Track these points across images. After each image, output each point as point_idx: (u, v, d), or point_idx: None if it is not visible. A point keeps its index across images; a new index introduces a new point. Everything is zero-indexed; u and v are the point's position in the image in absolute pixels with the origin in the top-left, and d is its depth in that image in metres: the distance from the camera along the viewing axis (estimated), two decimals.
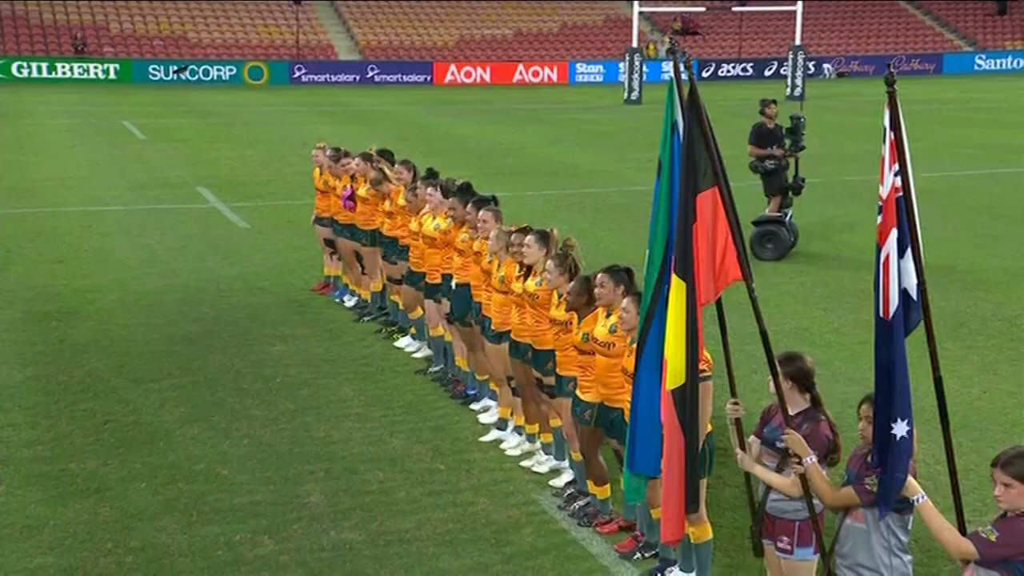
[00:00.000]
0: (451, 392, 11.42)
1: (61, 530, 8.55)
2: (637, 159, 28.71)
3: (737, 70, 62.94)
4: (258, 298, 15.36)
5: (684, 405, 6.13)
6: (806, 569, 6.26)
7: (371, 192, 13.73)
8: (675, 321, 6.12)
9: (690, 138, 6.18)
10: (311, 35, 65.00)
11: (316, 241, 18.51)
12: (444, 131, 33.69)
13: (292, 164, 28.76)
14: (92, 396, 11.50)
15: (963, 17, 75.14)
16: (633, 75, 45.70)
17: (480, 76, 61.66)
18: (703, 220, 6.13)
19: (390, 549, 8.21)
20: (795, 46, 48.58)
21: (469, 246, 10.70)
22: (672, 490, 6.26)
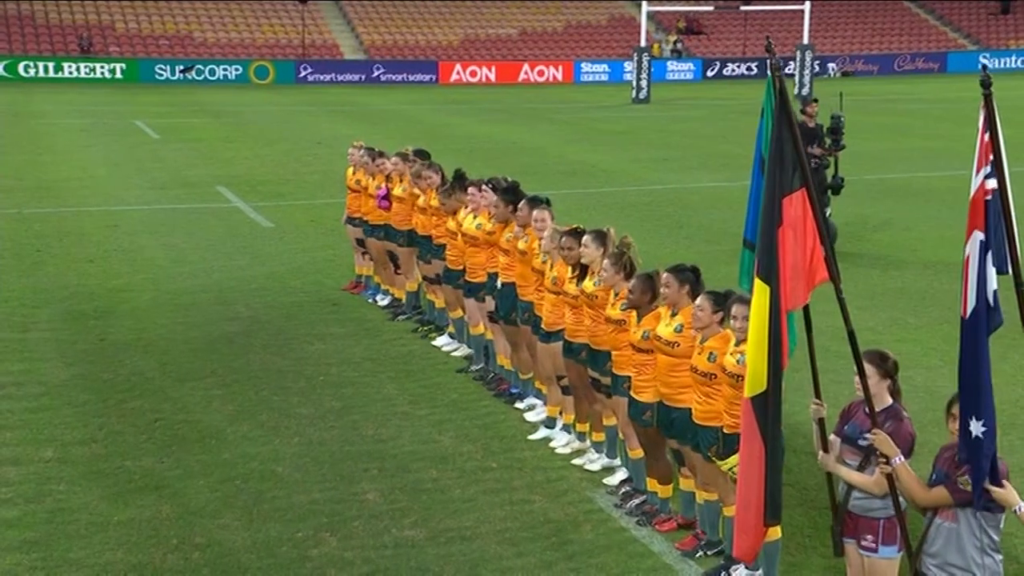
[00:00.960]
0: (494, 390, 11.53)
1: (125, 527, 8.66)
2: (653, 158, 28.85)
3: (742, 69, 63.05)
4: (291, 297, 15.46)
5: (766, 412, 6.13)
6: (889, 568, 6.33)
7: (407, 192, 13.84)
8: (757, 326, 6.13)
9: (779, 140, 6.22)
10: (316, 35, 65.06)
11: (343, 240, 18.69)
12: (458, 131, 33.78)
13: (309, 164, 28.92)
14: (139, 394, 11.61)
15: (967, 16, 75.28)
16: (641, 74, 45.80)
17: (485, 76, 61.73)
18: (791, 223, 6.16)
19: (452, 547, 8.31)
20: (802, 45, 48.72)
21: (514, 245, 10.81)
22: (751, 501, 6.21)
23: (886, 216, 21.07)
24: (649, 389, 8.30)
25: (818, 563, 7.93)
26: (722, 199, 22.99)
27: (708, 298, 7.66)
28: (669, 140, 33.26)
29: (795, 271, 6.16)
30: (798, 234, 6.18)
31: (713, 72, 62.27)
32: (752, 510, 6.21)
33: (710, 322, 7.62)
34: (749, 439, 6.20)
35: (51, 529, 8.64)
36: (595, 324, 9.20)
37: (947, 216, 20.91)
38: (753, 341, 6.16)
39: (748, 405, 6.20)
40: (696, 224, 20.24)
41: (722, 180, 25.50)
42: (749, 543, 6.36)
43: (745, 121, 39.16)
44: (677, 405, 7.99)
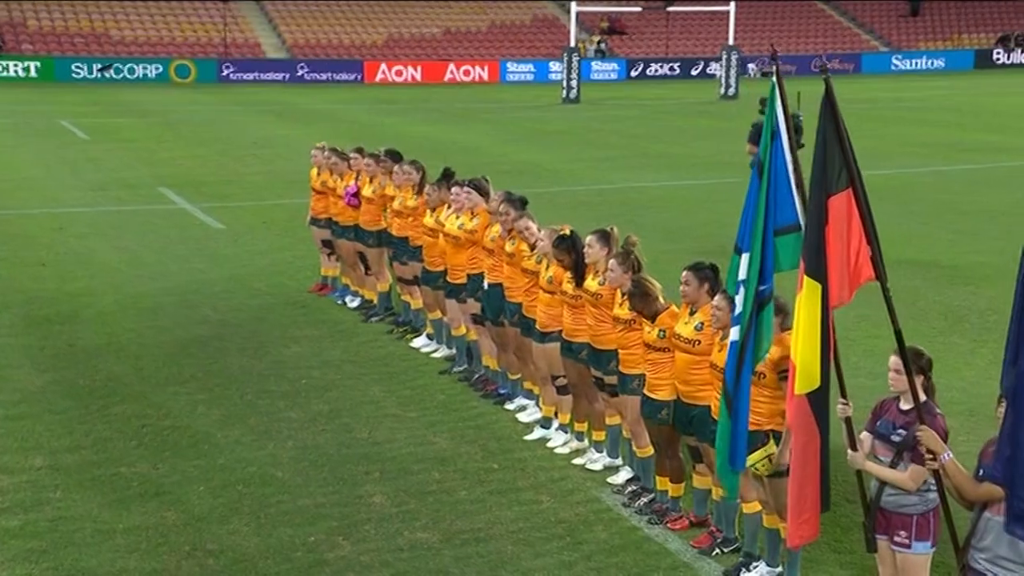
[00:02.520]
0: (482, 391, 11.55)
1: (133, 534, 8.55)
2: (594, 158, 29.03)
3: (665, 69, 63.60)
4: (258, 300, 15.32)
5: (821, 408, 6.28)
6: (923, 563, 6.47)
7: (378, 193, 13.81)
8: (807, 324, 6.25)
9: (824, 141, 6.32)
10: (238, 33, 64.34)
11: (300, 242, 18.61)
12: (393, 131, 33.60)
13: (249, 164, 28.64)
14: (120, 400, 11.44)
15: (879, 18, 76.76)
16: (571, 74, 46.03)
17: (411, 75, 61.52)
18: (836, 223, 6.28)
19: (469, 549, 8.33)
20: (728, 46, 49.32)
21: (500, 247, 10.83)
22: (808, 494, 6.35)
23: None
24: (665, 387, 8.38)
25: (833, 558, 8.09)
26: (670, 198, 23.24)
27: (726, 297, 7.76)
28: (607, 140, 33.47)
29: (840, 269, 6.28)
30: (844, 233, 6.29)
31: (637, 72, 62.73)
32: (809, 502, 6.39)
33: (729, 320, 7.72)
34: (804, 434, 6.34)
35: (56, 538, 8.50)
36: (599, 323, 9.25)
37: (893, 214, 21.34)
38: (804, 339, 6.28)
39: (803, 402, 6.32)
40: (650, 224, 20.38)
41: (667, 180, 25.75)
42: (808, 533, 6.52)
43: (678, 121, 39.67)
44: (696, 403, 8.08)
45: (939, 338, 13.29)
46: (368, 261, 14.29)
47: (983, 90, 53.24)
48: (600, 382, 9.41)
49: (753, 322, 6.74)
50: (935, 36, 75.20)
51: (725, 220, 20.05)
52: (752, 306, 6.75)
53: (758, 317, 6.75)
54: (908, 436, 6.35)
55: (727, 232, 18.73)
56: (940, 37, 75.03)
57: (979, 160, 28.98)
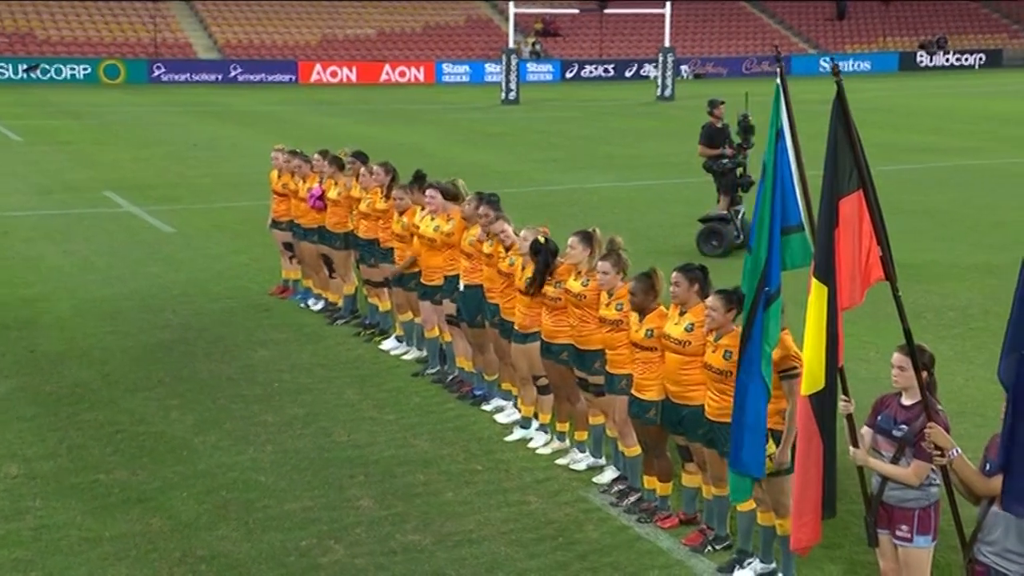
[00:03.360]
0: (457, 393, 11.55)
1: (120, 541, 8.45)
2: (540, 159, 29.12)
3: (599, 71, 63.96)
4: (218, 303, 15.18)
5: (823, 410, 6.34)
6: (924, 556, 6.59)
7: (343, 195, 13.76)
8: (815, 325, 6.31)
9: (835, 143, 6.40)
10: (168, 33, 63.57)
11: (255, 244, 18.53)
12: (337, 132, 33.44)
13: (193, 167, 28.34)
14: (90, 406, 11.29)
15: (806, 21, 77.80)
16: (510, 76, 46.09)
17: (346, 76, 61.24)
18: (847, 225, 6.36)
19: (462, 551, 8.33)
20: (664, 48, 49.68)
21: (478, 249, 10.85)
22: (809, 496, 6.40)
23: None
24: (654, 387, 8.44)
25: (823, 553, 8.16)
26: (620, 200, 23.38)
27: (720, 297, 7.85)
28: (550, 141, 33.56)
29: (851, 272, 6.37)
30: (854, 235, 6.38)
31: (572, 73, 63.01)
32: (810, 505, 6.42)
33: (724, 321, 7.82)
34: (807, 436, 6.38)
35: (41, 547, 8.37)
36: (582, 324, 9.30)
37: None
38: (810, 341, 6.36)
39: (806, 403, 6.38)
40: (603, 225, 20.21)
41: (615, 181, 25.89)
42: (809, 537, 6.57)
43: (619, 122, 39.84)
44: (686, 403, 8.16)
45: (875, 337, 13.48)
46: (333, 264, 14.23)
47: (911, 92, 54.19)
48: (584, 382, 9.46)
49: (758, 320, 6.81)
50: (861, 39, 76.37)
51: (677, 221, 20.30)
52: (755, 304, 6.82)
53: (764, 314, 6.81)
54: (910, 431, 6.48)
55: (681, 233, 19.02)
56: (865, 40, 76.22)
57: (915, 160, 29.48)
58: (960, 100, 48.78)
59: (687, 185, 24.69)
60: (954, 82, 62.07)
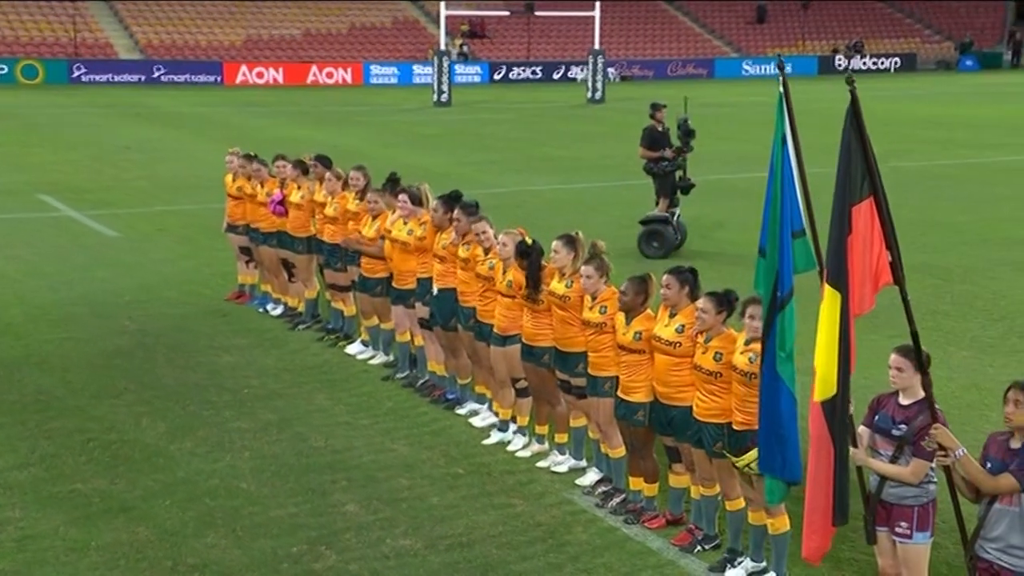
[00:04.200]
0: (429, 397, 11.57)
1: (108, 551, 8.36)
2: (479, 161, 29.19)
3: (527, 72, 64.19)
4: (174, 309, 15.03)
5: (834, 417, 6.41)
6: (923, 552, 6.75)
7: (306, 199, 13.71)
8: (827, 332, 6.40)
9: (848, 150, 6.51)
10: (87, 33, 62.60)
11: (204, 249, 18.40)
12: (272, 134, 33.13)
13: (127, 169, 27.98)
14: (56, 415, 11.13)
15: (728, 25, 78.80)
16: (442, 77, 46.08)
17: (273, 77, 60.77)
18: (859, 231, 6.48)
19: (454, 554, 8.36)
20: (594, 51, 49.98)
21: (453, 253, 10.89)
22: (820, 504, 6.45)
23: (719, 216, 21.82)
24: (641, 389, 8.54)
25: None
26: (564, 202, 23.52)
27: (711, 299, 7.98)
28: (486, 143, 33.65)
29: (863, 277, 6.49)
30: (866, 241, 6.51)
31: (500, 75, 63.16)
32: (820, 512, 6.47)
33: (715, 322, 7.95)
34: (819, 443, 6.44)
35: (27, 557, 8.26)
36: (565, 326, 9.37)
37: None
38: (823, 347, 6.44)
39: (818, 409, 6.44)
40: (550, 227, 20.34)
41: (556, 183, 26.04)
42: (817, 545, 6.64)
43: (554, 124, 40.00)
44: (676, 404, 8.27)
45: (860, 336, 13.73)
46: (294, 268, 14.16)
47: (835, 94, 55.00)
48: (567, 385, 9.54)
49: (774, 324, 6.92)
50: (781, 42, 77.50)
51: (621, 223, 20.42)
52: (771, 308, 6.92)
53: (780, 315, 6.93)
54: (909, 431, 6.64)
55: (624, 235, 19.15)
56: (785, 43, 77.34)
57: None
58: (883, 103, 49.63)
59: (627, 187, 24.88)
60: (873, 84, 63.16)
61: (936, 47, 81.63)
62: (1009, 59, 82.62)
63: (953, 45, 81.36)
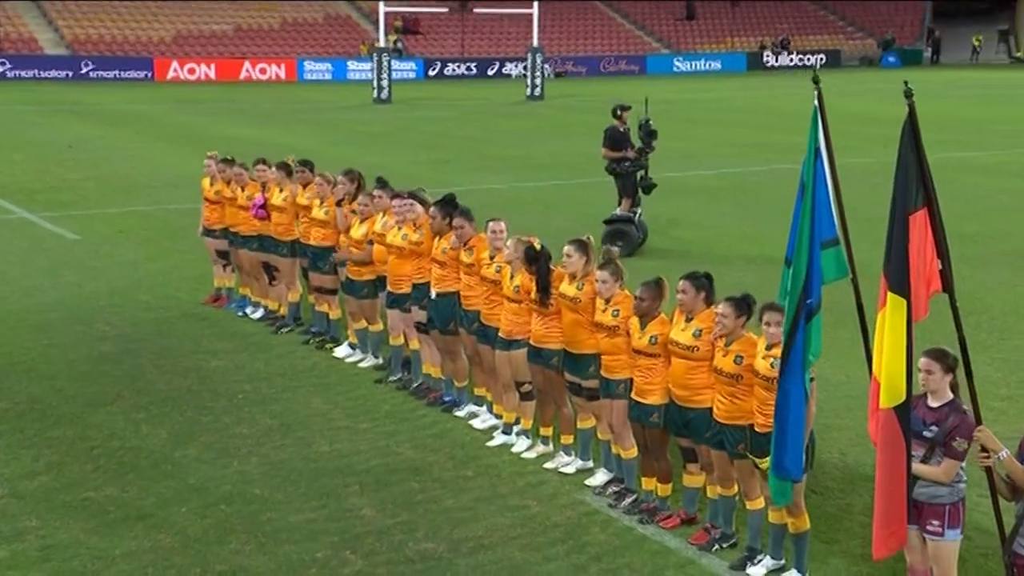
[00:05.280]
0: (425, 399, 11.69)
1: (134, 559, 8.40)
2: (432, 160, 29.27)
3: (462, 69, 64.29)
4: (151, 313, 14.98)
5: (907, 421, 6.67)
6: (954, 549, 7.03)
7: (289, 201, 13.75)
8: (894, 338, 6.59)
9: (905, 162, 6.74)
10: (10, 28, 61.51)
11: (171, 252, 18.37)
12: (213, 132, 33.02)
13: (73, 169, 27.70)
14: (55, 422, 11.09)
15: (659, 22, 79.54)
16: (382, 74, 46.02)
17: (205, 73, 60.24)
18: (914, 239, 6.73)
19: (479, 557, 8.50)
20: (533, 48, 50.24)
21: (453, 257, 11.02)
22: (895, 506, 6.70)
23: (673, 215, 22.02)
24: (656, 392, 8.75)
25: (824, 549, 8.61)
26: (523, 201, 23.68)
27: (730, 304, 8.21)
28: (435, 142, 33.72)
29: (917, 285, 6.74)
30: (920, 250, 6.76)
31: (435, 72, 63.19)
32: (896, 514, 6.71)
33: (734, 327, 8.19)
34: (891, 447, 6.64)
35: (55, 567, 8.29)
36: (576, 329, 9.54)
37: (738, 214, 22.45)
38: (891, 354, 6.63)
39: (889, 415, 6.65)
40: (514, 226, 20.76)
41: (511, 181, 26.21)
42: (895, 545, 6.86)
43: (499, 122, 40.12)
44: (694, 406, 8.50)
45: (828, 332, 14.02)
46: (276, 271, 14.19)
47: (768, 91, 55.88)
48: (577, 387, 9.73)
49: (799, 331, 7.17)
50: (710, 39, 78.47)
51: (584, 221, 20.54)
52: (797, 316, 7.17)
53: (807, 326, 7.18)
54: (940, 432, 6.92)
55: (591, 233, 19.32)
56: (715, 40, 78.32)
57: (793, 160, 30.36)
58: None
59: (580, 186, 25.20)
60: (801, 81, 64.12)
61: (859, 44, 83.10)
62: (929, 56, 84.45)
63: (876, 42, 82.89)
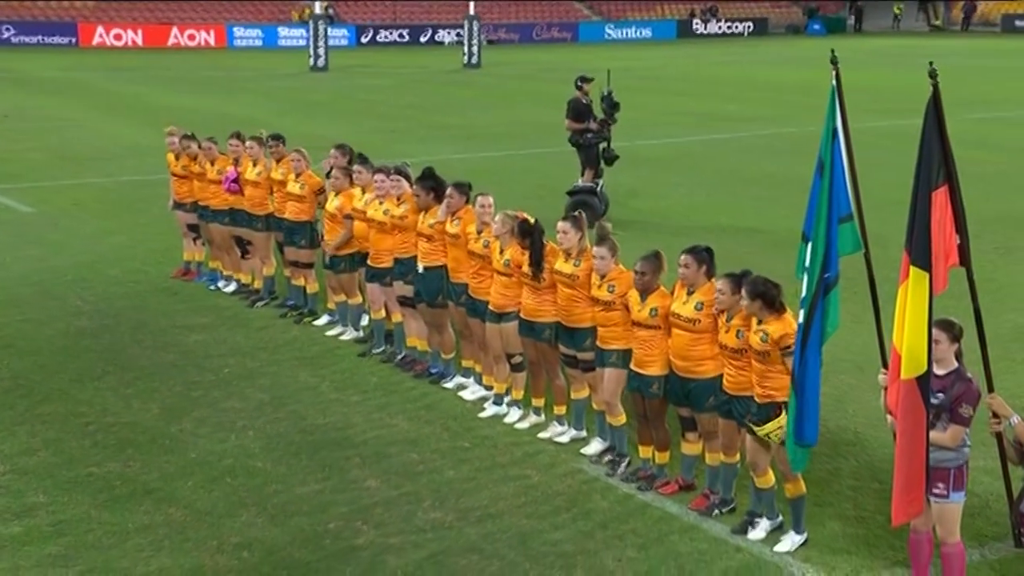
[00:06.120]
0: (412, 371, 11.86)
1: (148, 533, 8.50)
2: (379, 130, 29.23)
3: (395, 36, 64.01)
4: (122, 287, 14.95)
5: (927, 391, 6.95)
6: (957, 510, 7.35)
7: (263, 176, 13.78)
8: (915, 311, 6.85)
9: (928, 140, 6.98)
10: None
11: (129, 225, 18.44)
12: (152, 101, 32.72)
13: (16, 140, 27.37)
14: (43, 399, 11.11)
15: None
16: (318, 42, 45.71)
17: (131, 39, 59.37)
18: (935, 215, 6.99)
19: (488, 525, 8.70)
20: (469, 15, 50.18)
21: (441, 231, 11.17)
22: (915, 473, 6.98)
23: (631, 185, 22.24)
24: (656, 363, 9.02)
25: (820, 512, 8.94)
26: (477, 171, 23.42)
27: (728, 280, 8.50)
28: (379, 110, 33.67)
29: (938, 258, 7.02)
30: (940, 225, 7.04)
31: (367, 38, 62.86)
32: (916, 480, 7.00)
33: (732, 303, 8.47)
34: (912, 416, 6.93)
35: (70, 541, 8.37)
36: (572, 304, 9.76)
37: (686, 183, 22.81)
38: (913, 326, 6.89)
39: (912, 385, 6.90)
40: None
41: (461, 152, 26.27)
42: (914, 510, 7.15)
43: (438, 90, 40.05)
44: (695, 376, 8.78)
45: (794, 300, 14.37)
46: (250, 245, 14.23)
47: (699, 59, 56.39)
48: (572, 360, 9.96)
49: (819, 304, 7.47)
50: (641, 6, 78.73)
51: (542, 192, 20.85)
52: (817, 290, 7.48)
53: (824, 299, 7.49)
54: (946, 399, 7.25)
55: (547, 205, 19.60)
56: (646, 8, 78.60)
57: (734, 129, 30.99)
58: (749, 68, 51.09)
59: (533, 156, 25.42)
60: (731, 48, 64.88)
61: (785, 12, 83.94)
62: (852, 24, 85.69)
63: (801, 10, 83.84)
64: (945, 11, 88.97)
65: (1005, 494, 7.40)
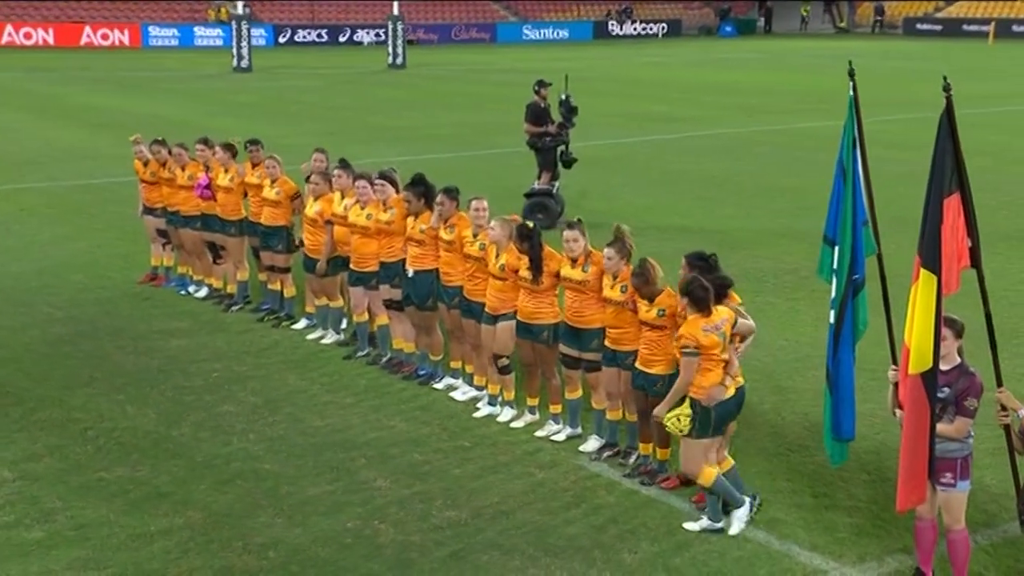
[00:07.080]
0: (399, 373, 12.07)
1: (172, 535, 8.62)
2: (317, 132, 29.26)
3: (313, 36, 63.75)
4: (91, 294, 14.93)
5: (932, 386, 7.35)
6: (964, 499, 7.77)
7: (236, 182, 13.88)
8: (923, 311, 7.26)
9: (941, 149, 7.37)
10: None
11: (85, 231, 18.34)
12: (81, 103, 32.30)
13: None
14: (36, 405, 11.13)
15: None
16: (241, 42, 45.43)
17: (42, 38, 58.39)
18: (948, 221, 7.41)
19: (503, 522, 8.94)
20: (393, 16, 50.23)
21: (432, 236, 11.39)
22: (917, 463, 7.39)
23: (580, 186, 22.47)
24: (662, 362, 9.35)
25: (793, 499, 9.37)
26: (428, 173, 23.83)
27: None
28: (314, 112, 33.66)
29: (949, 261, 7.44)
30: (952, 230, 7.45)
31: (285, 38, 62.52)
32: (918, 468, 7.42)
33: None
34: (917, 410, 7.36)
35: (96, 545, 8.46)
36: (582, 306, 10.02)
37: (631, 184, 23.24)
38: (921, 325, 7.29)
39: (916, 381, 7.35)
40: None
41: (407, 154, 26.36)
42: (916, 499, 7.56)
43: (368, 91, 40.02)
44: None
45: (756, 298, 14.62)
46: (223, 250, 14.31)
47: (618, 60, 57.10)
48: (574, 360, 10.24)
49: (849, 304, 7.91)
50: (558, 8, 79.40)
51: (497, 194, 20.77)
52: (846, 291, 7.91)
53: (854, 300, 7.93)
54: (951, 393, 7.69)
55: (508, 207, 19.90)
56: (562, 9, 79.30)
57: (667, 130, 31.56)
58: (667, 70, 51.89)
59: (480, 158, 25.68)
60: (647, 50, 65.72)
61: (698, 14, 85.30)
62: (762, 26, 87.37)
63: (713, 12, 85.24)
64: (850, 13, 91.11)
65: (1013, 483, 7.85)
